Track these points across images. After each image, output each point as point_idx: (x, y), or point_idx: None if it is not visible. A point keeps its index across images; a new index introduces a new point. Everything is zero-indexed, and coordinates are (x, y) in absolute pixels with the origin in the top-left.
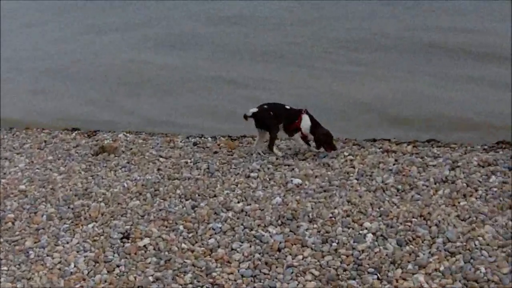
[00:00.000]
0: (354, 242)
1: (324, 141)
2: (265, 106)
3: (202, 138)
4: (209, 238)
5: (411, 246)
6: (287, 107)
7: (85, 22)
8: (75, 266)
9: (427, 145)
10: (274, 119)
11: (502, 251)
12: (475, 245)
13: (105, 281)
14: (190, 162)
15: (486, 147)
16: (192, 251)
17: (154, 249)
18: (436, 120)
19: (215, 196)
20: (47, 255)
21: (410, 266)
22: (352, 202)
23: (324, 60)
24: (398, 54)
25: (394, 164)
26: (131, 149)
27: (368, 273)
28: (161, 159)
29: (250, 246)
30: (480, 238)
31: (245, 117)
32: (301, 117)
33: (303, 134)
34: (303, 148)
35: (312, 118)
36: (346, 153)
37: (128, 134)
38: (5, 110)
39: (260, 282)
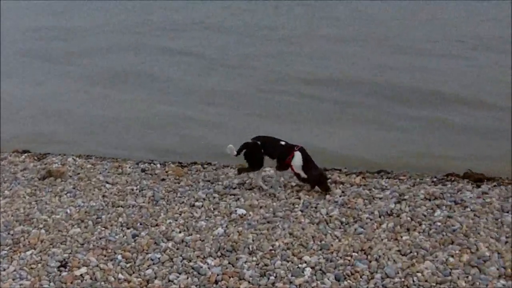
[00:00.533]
0: (292, 276)
1: (319, 182)
2: (258, 142)
3: (151, 165)
4: (147, 269)
5: (349, 281)
6: (282, 142)
7: None
8: None
9: (376, 176)
10: (262, 157)
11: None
12: (413, 281)
13: None
14: (136, 189)
15: (435, 179)
16: (129, 282)
17: (90, 278)
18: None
19: (157, 225)
20: None
21: None
22: (294, 235)
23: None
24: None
25: (340, 196)
26: (79, 174)
27: None
28: (107, 185)
29: (187, 278)
30: (419, 274)
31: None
32: (293, 154)
33: (295, 172)
34: (277, 182)
35: (305, 156)
36: (293, 184)
37: (77, 158)
38: None
39: None
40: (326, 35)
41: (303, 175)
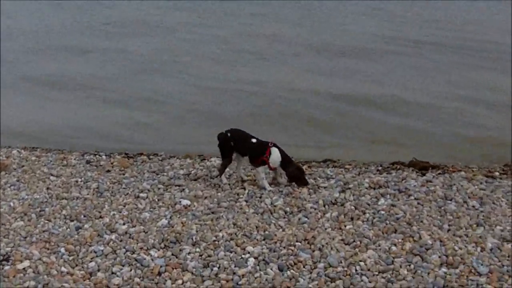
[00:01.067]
0: (235, 266)
1: (297, 177)
2: (228, 134)
3: (97, 156)
4: (90, 261)
5: (292, 271)
6: (254, 140)
7: None
8: None
9: (322, 166)
10: (232, 149)
11: (382, 277)
12: (356, 270)
13: None
14: (81, 181)
15: (380, 168)
16: (72, 275)
17: (33, 272)
18: None
19: (101, 217)
20: None
21: None
22: (238, 225)
23: None
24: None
25: (285, 186)
26: (23, 166)
27: None
28: (51, 177)
29: (131, 270)
30: (362, 263)
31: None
32: (269, 150)
33: (272, 167)
34: (261, 184)
35: (281, 152)
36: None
37: (22, 151)
38: None
39: None
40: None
41: (280, 170)
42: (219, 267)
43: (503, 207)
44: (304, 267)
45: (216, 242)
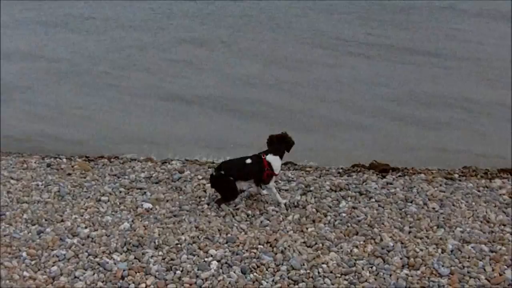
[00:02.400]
0: (198, 270)
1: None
2: (222, 172)
3: (57, 159)
4: (52, 266)
5: (255, 274)
6: (248, 160)
7: None
8: None
9: (283, 168)
10: (234, 183)
11: (344, 279)
12: (318, 272)
13: None
14: (42, 185)
15: (340, 170)
16: (34, 279)
17: None
18: None
19: (62, 221)
20: None
21: None
22: (200, 228)
23: None
24: None
25: (248, 188)
26: None
27: None
28: (12, 181)
29: (93, 274)
30: (324, 266)
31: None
32: (266, 163)
33: (276, 174)
34: (276, 199)
35: (273, 150)
36: (199, 177)
37: None
38: None
39: None
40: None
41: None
42: (182, 271)
43: (463, 209)
44: (267, 270)
45: (179, 245)
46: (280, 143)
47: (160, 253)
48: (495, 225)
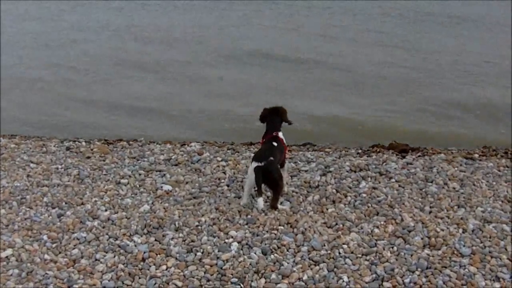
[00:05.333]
0: (218, 251)
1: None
2: (271, 158)
3: (76, 143)
4: (73, 249)
5: (275, 255)
6: (275, 143)
7: None
8: None
9: (302, 149)
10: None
11: (365, 259)
12: (339, 253)
13: None
14: (61, 168)
15: (360, 151)
16: (55, 262)
17: (16, 260)
18: None
19: (82, 204)
20: None
21: (273, 276)
22: (220, 210)
23: None
24: None
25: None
26: (2, 154)
27: (232, 283)
28: (31, 164)
29: (114, 257)
30: (345, 246)
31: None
32: (283, 141)
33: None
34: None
35: (278, 128)
36: (219, 158)
37: (1, 138)
38: None
39: None
40: None
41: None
42: (202, 252)
43: (483, 189)
44: (287, 250)
45: (199, 227)
46: (275, 115)
47: (181, 235)
48: None
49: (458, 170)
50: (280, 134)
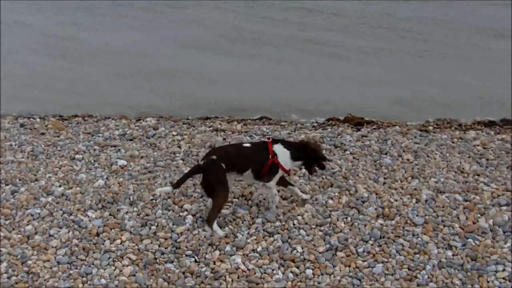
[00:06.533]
0: (173, 224)
1: (320, 149)
2: (214, 157)
3: (31, 119)
4: (27, 225)
5: (230, 227)
6: (247, 144)
7: None
8: None
9: (257, 123)
10: (225, 175)
11: (319, 230)
12: (293, 224)
13: None
14: (15, 145)
15: (315, 124)
16: (9, 239)
17: None
18: None
19: (36, 180)
20: None
21: (228, 248)
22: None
23: None
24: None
25: (222, 143)
26: None
27: (186, 255)
28: None
29: (68, 232)
30: (299, 218)
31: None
32: (273, 151)
33: (286, 171)
34: (275, 201)
35: (284, 143)
36: (174, 133)
37: None
38: None
39: (77, 269)
40: None
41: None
42: (157, 226)
43: (437, 160)
44: (242, 223)
45: (154, 201)
46: (301, 150)
47: (135, 209)
48: (469, 175)
49: (413, 142)
50: (276, 147)
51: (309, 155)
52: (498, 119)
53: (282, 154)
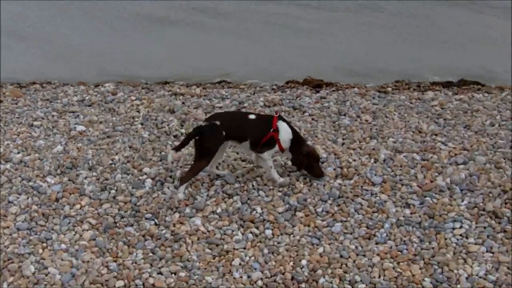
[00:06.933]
0: (132, 188)
1: (307, 164)
2: (217, 123)
3: None
4: None
5: (189, 189)
6: (252, 116)
7: None
8: None
9: (217, 87)
10: (221, 142)
11: (278, 191)
12: (252, 186)
13: None
14: None
15: (275, 87)
16: None
17: None
18: None
19: None
20: None
21: (187, 210)
22: (133, 148)
23: None
24: None
25: (181, 107)
26: None
27: (146, 219)
28: None
29: (28, 198)
30: (258, 179)
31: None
32: (277, 126)
33: (282, 148)
34: (270, 174)
35: (291, 127)
36: (133, 97)
37: None
38: None
39: (36, 234)
40: None
41: (288, 154)
42: (116, 190)
43: (395, 120)
44: (201, 185)
45: (113, 165)
46: (303, 145)
47: (94, 173)
48: (427, 135)
49: (371, 103)
50: (281, 123)
51: (299, 163)
52: (457, 80)
53: (284, 131)
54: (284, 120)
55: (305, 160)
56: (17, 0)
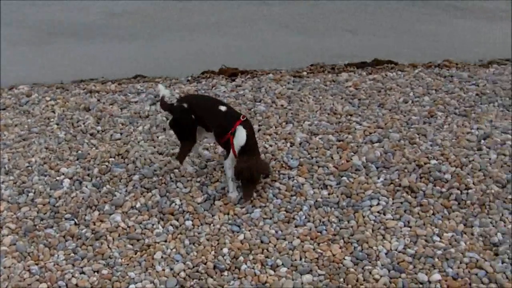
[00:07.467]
0: (50, 189)
1: (243, 178)
2: (185, 105)
3: None
4: None
5: (108, 186)
6: (223, 108)
7: None
8: None
9: (132, 82)
10: (194, 124)
11: (196, 181)
12: (170, 178)
13: None
14: None
15: (190, 78)
16: None
17: None
18: None
19: None
20: None
21: (107, 207)
22: (50, 149)
23: None
24: None
25: (96, 104)
26: None
27: (65, 219)
28: None
29: None
30: (176, 171)
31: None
32: (235, 128)
33: (235, 154)
34: (227, 174)
35: (249, 134)
36: (48, 98)
37: None
38: None
39: None
40: None
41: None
42: (34, 192)
43: (311, 103)
44: (120, 181)
45: (30, 167)
46: (249, 156)
47: (11, 177)
48: (342, 115)
49: (286, 88)
50: (239, 128)
51: (238, 175)
52: (370, 60)
53: (239, 137)
54: (245, 127)
55: (238, 175)
56: None
